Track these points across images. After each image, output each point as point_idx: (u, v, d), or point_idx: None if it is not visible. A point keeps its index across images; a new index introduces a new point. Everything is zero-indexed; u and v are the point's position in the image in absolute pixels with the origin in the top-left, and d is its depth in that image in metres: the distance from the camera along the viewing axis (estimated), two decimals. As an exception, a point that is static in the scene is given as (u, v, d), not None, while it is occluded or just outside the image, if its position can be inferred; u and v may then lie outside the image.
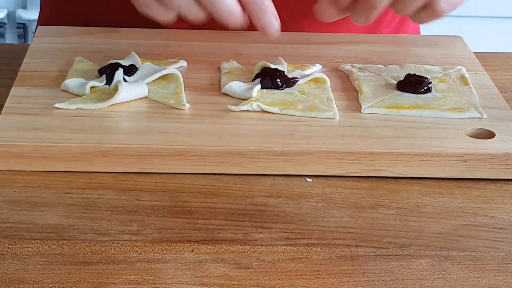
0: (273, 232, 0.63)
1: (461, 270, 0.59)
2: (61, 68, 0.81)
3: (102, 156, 0.69)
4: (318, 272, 0.59)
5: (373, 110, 0.75)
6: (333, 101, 0.76)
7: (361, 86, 0.79)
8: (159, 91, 0.77)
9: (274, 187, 0.68)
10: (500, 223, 0.64)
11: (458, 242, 0.62)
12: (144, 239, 0.61)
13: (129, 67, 0.79)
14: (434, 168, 0.69)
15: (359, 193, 0.68)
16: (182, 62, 0.84)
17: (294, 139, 0.70)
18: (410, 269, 0.59)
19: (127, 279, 0.58)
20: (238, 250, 0.61)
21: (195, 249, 0.60)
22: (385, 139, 0.71)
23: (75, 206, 0.65)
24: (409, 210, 0.66)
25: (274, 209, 0.65)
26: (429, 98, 0.77)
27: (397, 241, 0.62)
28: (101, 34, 0.89)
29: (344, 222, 0.64)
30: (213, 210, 0.65)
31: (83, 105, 0.74)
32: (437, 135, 0.72)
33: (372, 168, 0.69)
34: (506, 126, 0.73)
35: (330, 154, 0.69)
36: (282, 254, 0.60)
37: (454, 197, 0.68)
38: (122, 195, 0.66)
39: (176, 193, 0.67)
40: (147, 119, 0.73)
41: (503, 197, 0.68)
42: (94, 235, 0.61)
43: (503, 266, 0.60)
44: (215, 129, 0.71)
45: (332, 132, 0.71)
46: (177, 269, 0.59)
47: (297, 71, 0.81)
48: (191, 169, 0.69)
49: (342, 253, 0.61)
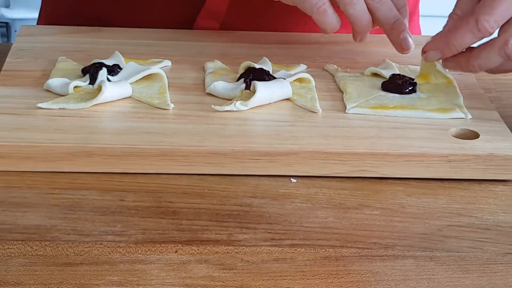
0: (258, 232, 0.62)
1: (445, 271, 0.59)
2: (44, 67, 0.81)
3: (86, 156, 0.68)
4: (302, 272, 0.59)
5: (357, 111, 0.75)
6: (316, 101, 0.76)
7: (346, 86, 0.79)
8: (143, 91, 0.77)
9: (259, 187, 0.68)
10: (484, 223, 0.64)
11: (443, 242, 0.62)
12: (127, 240, 0.61)
13: (113, 66, 0.79)
14: (419, 169, 0.69)
15: (343, 193, 0.68)
16: (166, 62, 0.83)
17: (278, 139, 0.70)
18: (395, 270, 0.59)
19: (110, 280, 0.57)
20: (222, 251, 0.60)
21: (179, 250, 0.60)
22: (370, 140, 0.71)
23: (58, 207, 0.64)
24: (393, 210, 0.66)
25: (259, 210, 0.65)
26: (413, 98, 0.77)
27: (381, 242, 0.62)
28: (85, 34, 0.89)
29: (329, 222, 0.64)
30: (197, 211, 0.65)
31: (66, 105, 0.74)
32: (421, 136, 0.71)
33: (356, 168, 0.69)
34: (491, 127, 0.73)
35: (315, 154, 0.69)
36: (267, 255, 0.60)
37: (438, 198, 0.68)
38: (105, 195, 0.66)
39: (160, 194, 0.66)
40: (131, 119, 0.73)
41: (488, 197, 0.68)
42: (77, 236, 0.61)
43: (488, 267, 0.60)
44: (200, 129, 0.71)
45: (316, 133, 0.71)
46: (160, 270, 0.58)
47: (282, 71, 0.80)
48: (175, 169, 0.69)
49: (326, 254, 0.60)
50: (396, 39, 0.79)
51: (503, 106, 0.82)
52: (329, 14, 0.77)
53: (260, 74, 0.77)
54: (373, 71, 0.81)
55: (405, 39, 0.79)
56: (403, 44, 0.79)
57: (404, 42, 0.79)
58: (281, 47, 0.88)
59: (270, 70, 0.79)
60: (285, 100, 0.77)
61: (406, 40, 0.79)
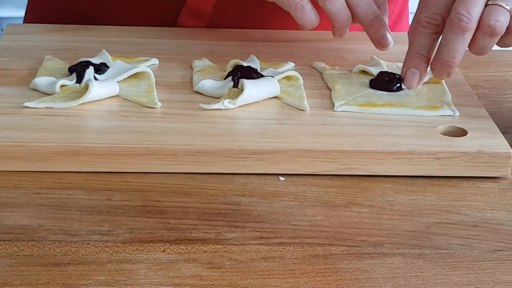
0: (246, 231, 0.62)
1: (433, 268, 0.59)
2: (31, 66, 0.80)
3: (73, 155, 0.68)
4: (291, 271, 0.59)
5: (346, 108, 0.75)
6: (305, 99, 0.76)
7: (334, 84, 0.79)
8: (131, 89, 0.76)
9: (247, 186, 0.68)
10: (472, 220, 0.64)
11: (431, 240, 0.62)
12: (115, 240, 0.60)
13: (100, 65, 0.78)
14: (407, 166, 0.69)
15: (332, 191, 0.67)
16: (153, 60, 0.83)
17: (266, 137, 0.70)
18: (383, 268, 0.59)
19: (98, 280, 0.57)
20: (210, 250, 0.60)
21: (167, 249, 0.60)
22: (358, 137, 0.70)
23: (45, 207, 0.64)
24: (382, 208, 0.66)
25: (247, 208, 0.65)
26: (401, 96, 0.77)
27: (370, 240, 0.62)
28: (72, 32, 0.89)
29: (317, 220, 0.64)
30: (185, 210, 0.64)
31: (53, 104, 0.73)
32: (410, 133, 0.71)
33: (345, 166, 0.69)
34: (479, 124, 0.73)
35: (303, 152, 0.69)
36: (255, 254, 0.60)
37: (427, 195, 0.68)
38: (92, 195, 0.66)
39: (148, 193, 0.66)
40: (118, 118, 0.72)
41: (476, 194, 0.68)
42: (64, 236, 0.61)
43: (476, 264, 0.60)
44: (187, 128, 0.71)
45: (305, 131, 0.71)
46: (148, 270, 0.58)
47: (270, 69, 0.80)
48: (163, 168, 0.69)
49: (315, 252, 0.60)
50: (375, 35, 0.80)
51: (491, 103, 0.82)
52: (307, 11, 0.77)
53: (248, 72, 0.77)
54: (361, 69, 0.81)
55: (383, 36, 0.79)
56: (382, 41, 0.79)
57: (383, 39, 0.79)
58: (269, 45, 0.88)
59: (258, 68, 0.79)
60: (273, 98, 0.76)
61: (384, 37, 0.79)
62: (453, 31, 0.74)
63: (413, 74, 0.77)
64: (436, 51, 0.76)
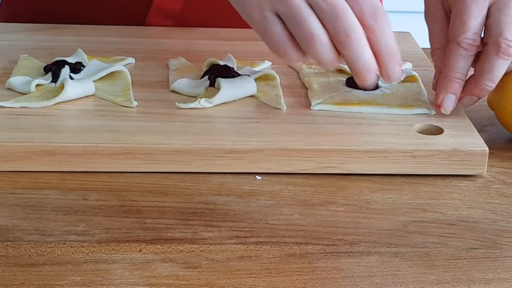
0: (223, 230, 0.62)
1: (410, 267, 0.59)
2: (6, 65, 0.80)
3: (48, 155, 0.68)
4: (267, 270, 0.58)
5: (322, 107, 0.75)
6: (281, 98, 0.76)
7: (310, 83, 0.79)
8: (106, 88, 0.76)
9: (224, 185, 0.68)
10: (448, 219, 0.65)
11: (407, 238, 0.62)
12: (91, 240, 0.60)
13: (76, 64, 0.78)
14: (383, 165, 0.69)
15: (308, 190, 0.67)
16: (129, 59, 0.83)
17: (243, 136, 0.70)
18: (360, 266, 0.59)
19: (74, 280, 0.57)
20: (187, 249, 0.60)
21: (143, 249, 0.60)
22: (335, 136, 0.71)
23: (20, 207, 0.64)
24: (358, 207, 0.66)
25: (224, 208, 0.65)
26: (378, 94, 0.77)
27: (346, 238, 0.62)
28: (47, 31, 0.88)
29: (294, 219, 0.64)
30: (162, 209, 0.64)
31: (28, 104, 0.73)
32: (386, 132, 0.72)
33: (321, 165, 0.69)
34: (455, 122, 0.74)
35: (280, 151, 0.69)
36: (232, 253, 0.60)
37: (403, 193, 0.68)
38: (68, 195, 0.65)
39: (124, 192, 0.66)
40: (94, 117, 0.72)
41: (452, 192, 0.68)
42: (39, 236, 0.60)
43: (452, 262, 0.60)
44: (164, 127, 0.71)
45: (281, 129, 0.71)
46: (124, 270, 0.58)
47: (247, 68, 0.80)
48: (139, 167, 0.68)
49: (291, 251, 0.60)
50: None
51: (467, 102, 0.82)
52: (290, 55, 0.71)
53: (224, 71, 0.77)
54: (338, 67, 0.81)
55: None
56: None
57: None
58: (246, 43, 0.88)
59: (234, 67, 0.79)
60: (249, 97, 0.76)
61: None
62: (500, 57, 0.71)
63: (451, 100, 0.74)
64: (476, 76, 0.73)
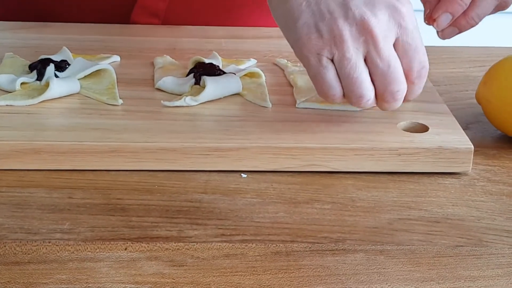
0: (208, 228, 0.62)
1: (395, 264, 0.59)
2: (-10, 63, 0.79)
3: (33, 153, 0.67)
4: (253, 268, 0.58)
5: (307, 105, 0.75)
6: (267, 96, 0.76)
7: (296, 80, 0.79)
8: (92, 86, 0.76)
9: (209, 183, 0.67)
10: (434, 216, 0.65)
11: (393, 236, 0.62)
12: (76, 238, 0.60)
13: (61, 62, 0.78)
14: (369, 162, 0.70)
15: (294, 188, 0.67)
16: (115, 57, 0.83)
17: (228, 134, 0.70)
18: (345, 264, 0.59)
19: (59, 279, 0.57)
20: (172, 247, 0.60)
21: (129, 247, 0.60)
22: (320, 134, 0.71)
23: (5, 205, 0.63)
24: (344, 204, 0.66)
25: (209, 206, 0.65)
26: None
27: (332, 236, 0.62)
28: (32, 29, 0.88)
29: (279, 217, 0.64)
30: (147, 207, 0.64)
31: (13, 102, 0.73)
32: (371, 129, 0.72)
33: (307, 163, 0.69)
34: (440, 120, 0.74)
35: (265, 149, 0.69)
36: (217, 251, 0.60)
37: (388, 191, 0.68)
38: (53, 193, 0.65)
39: (109, 191, 0.66)
40: (80, 116, 0.72)
41: (437, 190, 0.68)
42: (24, 235, 0.60)
43: (437, 260, 0.60)
44: (149, 125, 0.70)
45: (267, 127, 0.71)
46: (110, 268, 0.58)
47: (232, 66, 0.80)
48: (125, 166, 0.68)
49: (277, 249, 0.60)
50: None
51: (452, 99, 0.82)
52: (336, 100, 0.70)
53: (209, 69, 0.77)
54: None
55: None
56: None
57: None
58: (231, 41, 0.88)
59: (220, 65, 0.79)
60: (235, 95, 0.76)
61: None
62: None
63: (447, 18, 0.77)
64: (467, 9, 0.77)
